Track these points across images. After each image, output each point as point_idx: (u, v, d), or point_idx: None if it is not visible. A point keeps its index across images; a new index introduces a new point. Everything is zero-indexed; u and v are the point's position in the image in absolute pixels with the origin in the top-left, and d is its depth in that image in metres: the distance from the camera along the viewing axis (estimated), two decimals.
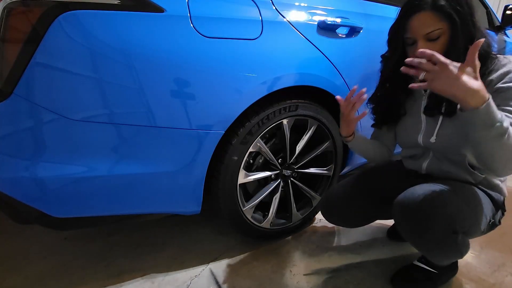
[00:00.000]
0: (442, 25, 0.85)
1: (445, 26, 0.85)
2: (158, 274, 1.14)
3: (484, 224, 0.93)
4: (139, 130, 0.90)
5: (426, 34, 0.86)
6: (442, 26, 0.85)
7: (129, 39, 0.83)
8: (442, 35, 0.86)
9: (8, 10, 0.76)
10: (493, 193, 0.98)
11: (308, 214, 1.40)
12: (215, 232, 1.38)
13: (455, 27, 0.84)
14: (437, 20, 0.85)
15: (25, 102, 0.80)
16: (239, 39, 0.97)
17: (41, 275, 1.12)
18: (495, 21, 2.24)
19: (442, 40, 0.86)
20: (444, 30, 0.85)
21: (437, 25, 0.85)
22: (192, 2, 0.90)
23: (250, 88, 1.01)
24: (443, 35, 0.86)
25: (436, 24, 0.85)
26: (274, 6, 1.05)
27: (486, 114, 0.72)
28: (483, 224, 0.92)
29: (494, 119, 0.72)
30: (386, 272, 1.16)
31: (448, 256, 0.94)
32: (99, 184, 0.92)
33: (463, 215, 0.86)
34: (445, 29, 0.85)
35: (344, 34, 1.22)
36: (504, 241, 1.35)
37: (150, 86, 0.88)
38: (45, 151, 0.84)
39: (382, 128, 1.14)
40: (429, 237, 0.86)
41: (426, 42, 0.87)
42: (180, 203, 1.07)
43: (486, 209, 0.94)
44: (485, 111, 0.71)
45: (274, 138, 1.26)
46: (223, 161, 1.08)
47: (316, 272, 1.17)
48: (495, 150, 0.76)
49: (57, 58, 0.79)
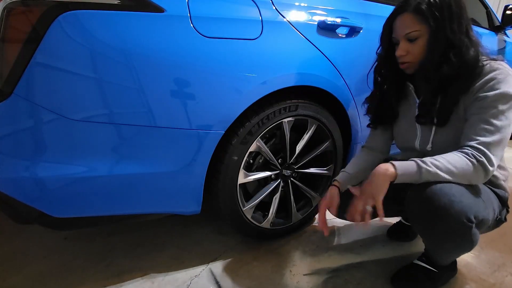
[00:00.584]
0: (421, 27, 0.89)
1: (423, 29, 0.89)
2: (158, 274, 1.14)
3: (492, 219, 0.94)
4: (139, 130, 0.90)
5: (405, 34, 0.92)
6: (421, 29, 0.89)
7: (129, 39, 0.83)
8: (420, 37, 0.90)
9: (8, 10, 0.76)
10: (498, 190, 0.99)
11: (308, 214, 1.40)
12: (215, 232, 1.38)
13: (431, 31, 0.88)
14: (416, 22, 0.89)
15: (25, 102, 0.80)
16: (239, 39, 0.97)
17: (41, 275, 1.12)
18: (495, 21, 2.24)
19: (420, 42, 0.91)
20: (422, 33, 0.90)
21: (416, 27, 0.89)
22: (192, 2, 0.90)
23: (250, 88, 1.01)
24: (421, 37, 0.90)
25: (415, 26, 0.89)
26: (274, 6, 1.05)
27: (403, 175, 0.85)
28: (492, 219, 0.94)
29: (413, 173, 0.84)
30: (386, 271, 1.16)
31: (458, 247, 0.93)
32: (99, 184, 0.92)
33: (477, 207, 0.87)
34: (423, 31, 0.89)
35: (344, 34, 1.22)
36: (504, 241, 1.35)
37: (150, 86, 0.88)
38: (45, 151, 0.84)
39: (378, 128, 1.15)
40: (443, 226, 0.86)
41: (406, 42, 0.92)
42: (180, 203, 1.07)
43: (495, 204, 0.95)
44: (401, 174, 0.85)
45: (274, 138, 1.26)
46: (223, 161, 1.08)
47: (316, 272, 1.17)
48: (447, 181, 0.85)
49: (57, 58, 0.79)
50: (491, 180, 0.99)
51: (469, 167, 0.83)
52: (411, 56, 0.93)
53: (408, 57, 0.93)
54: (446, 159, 0.84)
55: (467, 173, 0.84)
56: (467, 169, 0.83)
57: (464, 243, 0.91)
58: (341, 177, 1.11)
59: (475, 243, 0.91)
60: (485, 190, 0.95)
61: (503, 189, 1.01)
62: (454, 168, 0.83)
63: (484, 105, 0.85)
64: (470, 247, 0.93)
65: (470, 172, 0.84)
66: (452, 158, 0.84)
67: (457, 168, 0.83)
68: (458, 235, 0.87)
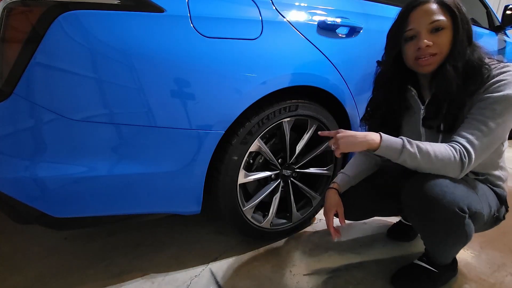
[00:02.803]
0: (447, 17, 0.87)
1: (449, 20, 0.88)
2: (158, 274, 1.14)
3: (487, 215, 0.94)
4: (139, 130, 0.90)
5: (431, 23, 0.88)
6: (447, 18, 0.87)
7: (129, 39, 0.83)
8: (445, 28, 0.88)
9: (8, 10, 0.76)
10: (496, 189, 1.00)
11: (308, 214, 1.40)
12: (215, 232, 1.38)
13: (457, 22, 0.87)
14: (442, 12, 0.88)
15: (25, 102, 0.80)
16: (239, 39, 0.97)
17: (41, 275, 1.12)
18: (495, 21, 2.24)
19: (445, 34, 0.88)
20: (447, 24, 0.87)
21: (442, 16, 0.87)
22: (192, 2, 0.90)
23: (250, 88, 1.00)
24: (446, 28, 0.88)
25: (441, 15, 0.88)
26: (274, 6, 1.05)
27: (386, 149, 0.86)
28: (487, 214, 0.94)
29: (396, 148, 0.85)
30: (386, 271, 1.16)
31: (452, 239, 0.93)
32: (99, 184, 0.92)
33: (470, 199, 0.88)
34: (448, 23, 0.87)
35: (344, 34, 1.22)
36: (504, 241, 1.35)
37: (150, 86, 0.88)
38: (45, 151, 0.84)
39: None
40: (436, 216, 0.86)
41: (429, 33, 0.89)
42: (180, 203, 1.07)
43: (491, 200, 0.96)
44: (384, 148, 0.86)
45: (274, 138, 1.26)
46: (223, 161, 1.08)
47: (316, 272, 1.17)
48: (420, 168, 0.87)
49: (57, 58, 0.79)
50: (491, 180, 0.99)
51: (450, 162, 0.84)
52: (437, 48, 0.88)
53: (434, 48, 0.88)
54: (432, 147, 0.85)
55: (446, 166, 0.85)
56: (447, 162, 0.84)
57: (458, 235, 0.91)
58: (340, 179, 1.11)
59: (469, 235, 0.92)
60: (481, 186, 0.96)
61: (502, 188, 1.01)
62: (435, 157, 0.84)
63: (484, 106, 0.85)
64: (464, 239, 0.93)
65: (448, 166, 0.85)
66: (438, 149, 0.85)
67: (437, 158, 0.84)
68: (451, 225, 0.88)
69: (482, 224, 0.96)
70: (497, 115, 0.84)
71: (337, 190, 1.09)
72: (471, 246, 1.31)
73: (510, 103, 0.83)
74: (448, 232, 0.90)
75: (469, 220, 0.88)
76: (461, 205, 0.85)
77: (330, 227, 1.05)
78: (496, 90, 0.84)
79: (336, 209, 1.06)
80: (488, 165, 0.97)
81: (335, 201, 1.07)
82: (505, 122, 0.85)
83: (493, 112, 0.84)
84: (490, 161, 0.97)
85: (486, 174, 0.99)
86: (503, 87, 0.83)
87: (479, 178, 0.98)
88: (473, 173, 0.98)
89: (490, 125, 0.84)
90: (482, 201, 0.92)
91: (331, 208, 1.06)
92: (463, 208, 0.85)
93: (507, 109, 0.84)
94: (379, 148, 0.86)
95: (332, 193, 1.08)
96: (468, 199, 0.87)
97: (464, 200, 0.86)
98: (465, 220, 0.87)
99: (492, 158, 0.96)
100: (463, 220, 0.87)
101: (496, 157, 0.97)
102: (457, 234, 0.90)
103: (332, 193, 1.08)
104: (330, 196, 1.08)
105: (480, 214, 0.91)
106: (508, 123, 0.86)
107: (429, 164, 0.85)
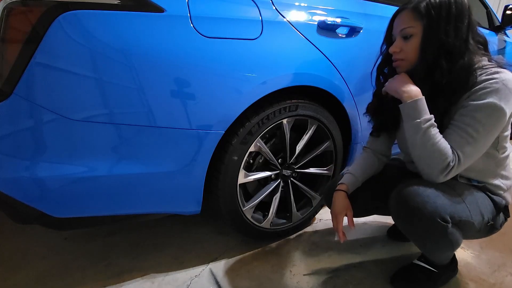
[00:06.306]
0: (416, 24, 0.88)
1: (418, 26, 0.88)
2: (158, 274, 1.14)
3: (479, 223, 0.92)
4: (139, 130, 0.90)
5: (400, 31, 0.91)
6: (415, 26, 0.88)
7: (129, 39, 0.83)
8: (414, 36, 0.89)
9: (8, 10, 0.76)
10: (495, 197, 0.98)
11: (308, 214, 1.40)
12: (215, 232, 1.38)
13: (424, 29, 0.87)
14: (412, 18, 0.89)
15: (25, 102, 0.80)
16: (239, 39, 0.97)
17: (41, 275, 1.12)
18: (495, 21, 2.24)
19: (414, 41, 0.89)
20: (416, 31, 0.88)
21: (411, 23, 0.89)
22: (192, 2, 0.90)
23: (250, 88, 1.01)
24: (415, 36, 0.89)
25: (410, 22, 0.89)
26: (274, 6, 1.05)
27: (411, 108, 0.86)
28: (478, 222, 0.92)
29: (417, 115, 0.85)
30: (386, 272, 1.16)
31: (439, 247, 0.93)
32: (99, 184, 0.92)
33: (454, 207, 0.87)
34: (418, 30, 0.88)
35: (344, 34, 1.22)
36: (504, 241, 1.35)
37: (150, 86, 0.88)
38: (45, 151, 0.84)
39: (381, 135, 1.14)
40: (419, 225, 0.88)
41: (401, 39, 0.92)
42: (180, 203, 1.07)
43: (485, 209, 0.94)
44: (411, 105, 0.86)
45: (274, 138, 1.26)
46: (223, 161, 1.08)
47: (316, 272, 1.17)
48: (413, 144, 0.88)
49: (57, 58, 0.79)
50: (490, 189, 0.97)
51: (442, 160, 0.83)
52: (403, 54, 0.91)
53: (401, 54, 0.92)
54: (439, 138, 0.84)
55: (434, 160, 0.84)
56: (438, 157, 0.84)
57: (443, 243, 0.91)
58: (348, 180, 1.09)
59: (455, 243, 0.91)
60: (474, 194, 0.94)
61: (501, 197, 0.99)
62: (431, 146, 0.84)
63: (466, 113, 0.84)
64: (451, 246, 0.92)
65: (436, 161, 0.84)
66: (443, 142, 0.84)
67: (433, 148, 0.84)
68: (435, 234, 0.88)
69: (475, 232, 0.95)
70: (478, 122, 0.82)
71: (346, 193, 1.07)
72: (471, 246, 1.31)
73: (492, 110, 0.81)
74: (432, 240, 0.90)
75: (453, 228, 0.88)
76: (443, 215, 0.85)
77: (339, 230, 1.03)
78: (479, 97, 0.82)
79: (345, 212, 1.05)
80: (486, 174, 0.96)
81: (345, 204, 1.05)
82: (487, 130, 0.83)
83: (473, 119, 0.83)
84: (487, 170, 0.95)
85: (484, 183, 0.97)
86: (486, 95, 0.82)
87: (477, 186, 0.96)
88: (468, 179, 0.97)
89: (472, 133, 0.83)
90: (471, 209, 0.90)
91: (341, 211, 1.04)
92: (445, 218, 0.85)
93: (489, 117, 0.82)
94: (409, 101, 0.86)
95: (342, 196, 1.06)
96: (451, 207, 0.87)
97: (446, 209, 0.86)
98: (447, 229, 0.86)
99: (489, 167, 0.95)
100: (446, 229, 0.86)
101: (494, 167, 0.95)
102: (442, 242, 0.90)
103: (341, 196, 1.06)
104: (339, 199, 1.06)
105: (467, 222, 0.90)
106: (491, 131, 0.84)
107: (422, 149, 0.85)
